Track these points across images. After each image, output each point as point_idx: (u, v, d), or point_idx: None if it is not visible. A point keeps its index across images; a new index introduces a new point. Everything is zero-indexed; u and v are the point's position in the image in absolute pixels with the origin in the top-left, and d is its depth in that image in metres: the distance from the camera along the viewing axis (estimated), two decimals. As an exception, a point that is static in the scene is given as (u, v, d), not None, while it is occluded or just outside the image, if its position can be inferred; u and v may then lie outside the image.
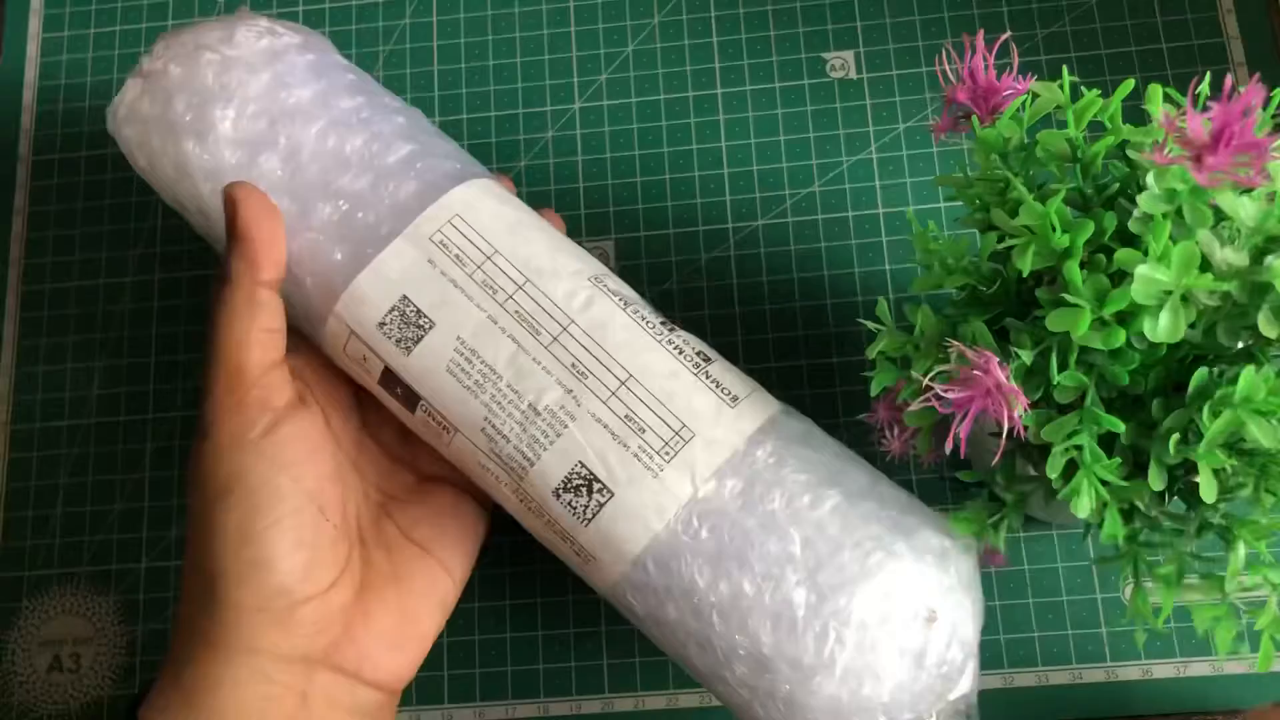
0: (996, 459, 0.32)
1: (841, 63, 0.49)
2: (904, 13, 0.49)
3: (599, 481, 0.34)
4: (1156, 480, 0.30)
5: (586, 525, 0.34)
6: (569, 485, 0.34)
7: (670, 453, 0.33)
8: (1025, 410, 0.29)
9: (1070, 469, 0.30)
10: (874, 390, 0.33)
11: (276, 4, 0.52)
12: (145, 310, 0.48)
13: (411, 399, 0.36)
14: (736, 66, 0.49)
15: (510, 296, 0.35)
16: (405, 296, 0.35)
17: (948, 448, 0.30)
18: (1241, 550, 0.31)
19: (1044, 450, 0.31)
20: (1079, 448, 0.30)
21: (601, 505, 0.34)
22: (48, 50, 0.52)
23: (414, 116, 0.40)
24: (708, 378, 0.35)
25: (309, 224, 0.36)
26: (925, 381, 0.30)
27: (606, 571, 0.35)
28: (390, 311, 0.36)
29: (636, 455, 0.34)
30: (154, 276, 0.49)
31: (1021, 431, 0.29)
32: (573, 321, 0.35)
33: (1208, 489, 0.29)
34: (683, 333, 0.36)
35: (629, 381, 0.34)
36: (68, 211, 0.50)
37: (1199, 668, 0.41)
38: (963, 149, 0.48)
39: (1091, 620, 0.42)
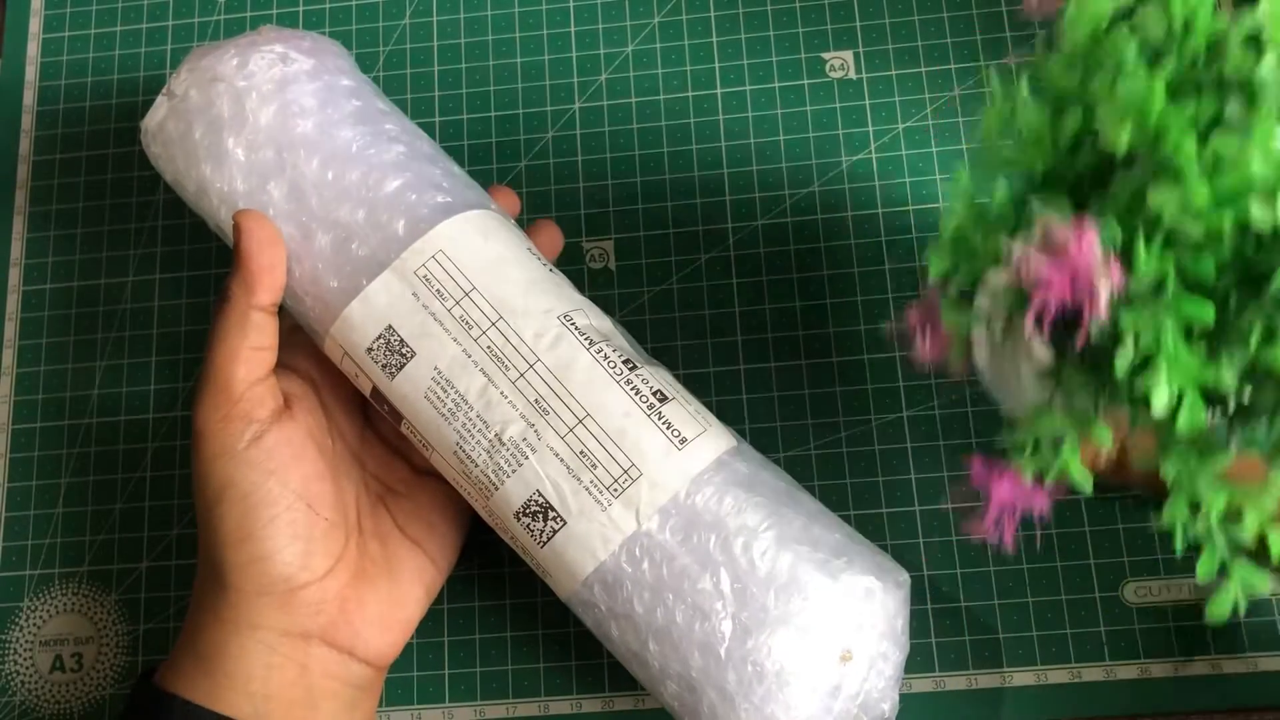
0: (1080, 342, 0.29)
1: (841, 63, 0.49)
2: (904, 13, 0.49)
3: (554, 510, 0.36)
4: (1229, 379, 0.28)
5: (542, 547, 0.37)
6: (527, 510, 0.37)
7: (619, 489, 0.36)
8: (1115, 292, 0.27)
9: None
10: (933, 274, 0.31)
11: (277, 4, 0.52)
12: (145, 310, 0.49)
13: (396, 416, 0.39)
14: (736, 66, 0.49)
15: (484, 333, 0.37)
16: (390, 326, 0.38)
17: (1044, 335, 0.28)
18: None
19: (1102, 351, 0.29)
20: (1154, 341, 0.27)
21: (555, 531, 0.37)
22: (48, 50, 0.52)
23: (413, 142, 0.41)
24: (660, 418, 0.37)
25: (310, 251, 0.39)
26: (1017, 252, 0.27)
27: (560, 587, 0.38)
28: (377, 339, 0.38)
29: (587, 489, 0.36)
30: (154, 276, 0.49)
31: (1104, 315, 0.27)
32: (539, 360, 0.37)
33: None
34: (645, 370, 0.38)
35: (586, 420, 0.36)
36: (68, 211, 0.50)
37: (1198, 667, 0.41)
38: (962, 149, 0.48)
39: (1090, 619, 0.42)
